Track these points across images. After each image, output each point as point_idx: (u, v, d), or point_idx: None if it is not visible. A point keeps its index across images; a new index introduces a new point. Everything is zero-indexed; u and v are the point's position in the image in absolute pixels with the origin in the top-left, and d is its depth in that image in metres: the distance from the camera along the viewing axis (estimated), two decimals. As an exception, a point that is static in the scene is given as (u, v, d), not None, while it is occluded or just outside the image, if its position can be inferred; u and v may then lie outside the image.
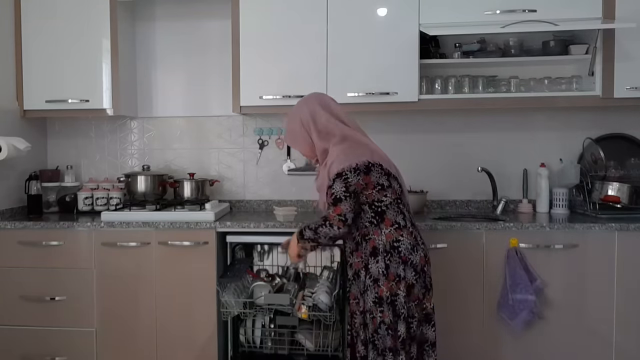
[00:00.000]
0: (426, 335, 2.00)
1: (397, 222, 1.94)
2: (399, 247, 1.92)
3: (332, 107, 2.09)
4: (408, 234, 1.95)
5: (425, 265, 1.96)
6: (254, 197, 3.14)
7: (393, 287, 1.92)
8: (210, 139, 3.17)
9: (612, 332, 2.42)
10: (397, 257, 1.92)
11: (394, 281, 1.92)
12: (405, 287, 1.92)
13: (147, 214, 2.66)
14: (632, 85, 2.59)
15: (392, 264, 1.92)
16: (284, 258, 2.88)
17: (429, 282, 1.99)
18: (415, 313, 1.94)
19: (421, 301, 1.96)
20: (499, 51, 2.80)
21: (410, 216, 2.02)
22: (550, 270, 2.42)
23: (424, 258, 1.96)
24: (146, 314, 2.60)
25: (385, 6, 2.68)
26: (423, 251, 1.97)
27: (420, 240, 1.99)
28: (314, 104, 2.08)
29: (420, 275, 1.95)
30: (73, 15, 2.85)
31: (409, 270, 1.93)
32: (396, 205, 1.96)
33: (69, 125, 3.22)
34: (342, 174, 1.92)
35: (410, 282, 1.93)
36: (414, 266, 1.93)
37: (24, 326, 2.65)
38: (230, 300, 2.41)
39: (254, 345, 2.66)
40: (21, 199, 2.93)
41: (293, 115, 2.13)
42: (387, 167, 1.98)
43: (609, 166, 2.75)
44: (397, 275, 1.92)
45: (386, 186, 1.95)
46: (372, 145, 2.04)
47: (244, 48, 2.76)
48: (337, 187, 1.92)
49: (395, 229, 1.94)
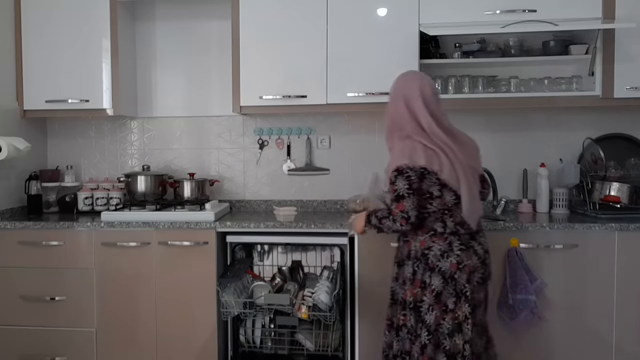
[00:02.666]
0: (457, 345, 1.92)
1: (433, 229, 1.94)
2: (428, 255, 1.93)
3: (428, 99, 1.98)
4: (442, 240, 1.93)
5: (456, 272, 1.91)
6: (254, 197, 3.14)
7: (418, 293, 1.94)
8: (210, 139, 3.17)
9: (612, 332, 2.42)
10: (424, 264, 1.94)
11: (419, 287, 1.94)
12: (432, 294, 1.92)
13: (147, 214, 2.66)
14: (632, 85, 2.59)
15: (419, 271, 1.95)
16: (283, 258, 2.88)
17: (462, 290, 1.92)
18: (441, 320, 1.92)
19: (451, 310, 1.91)
20: (499, 51, 2.80)
21: (459, 227, 1.93)
22: (550, 270, 2.42)
23: (455, 265, 1.91)
24: (146, 314, 2.60)
25: (385, 6, 2.68)
26: (456, 258, 1.91)
27: (457, 247, 1.92)
28: (415, 90, 1.99)
29: (449, 282, 1.91)
30: (73, 15, 2.85)
31: (435, 277, 1.92)
32: (440, 214, 1.93)
33: (69, 125, 3.22)
34: (403, 170, 1.89)
35: (438, 289, 1.92)
36: (442, 273, 1.92)
37: (24, 326, 2.65)
38: (230, 300, 2.41)
39: (254, 345, 2.66)
40: (21, 199, 2.93)
41: (393, 86, 2.08)
42: (447, 178, 1.90)
43: (609, 166, 2.74)
44: (423, 282, 1.94)
45: (435, 196, 1.92)
46: (446, 148, 1.93)
47: (244, 48, 2.76)
48: (400, 184, 1.90)
49: (430, 236, 1.95)
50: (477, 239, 1.98)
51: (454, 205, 1.94)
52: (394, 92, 2.06)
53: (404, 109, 1.99)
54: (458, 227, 1.94)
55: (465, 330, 1.91)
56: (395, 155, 1.95)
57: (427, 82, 2.03)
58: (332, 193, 3.07)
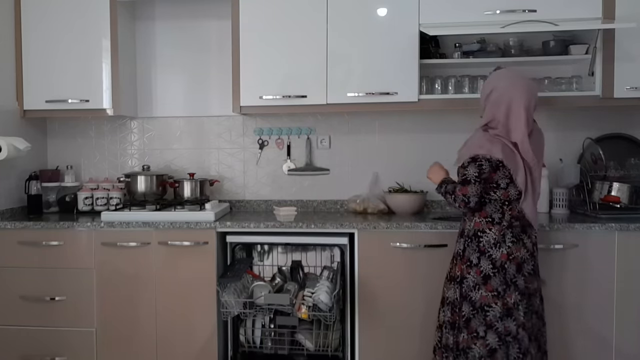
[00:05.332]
0: (508, 328, 2.02)
1: (491, 216, 2.05)
2: (480, 238, 2.05)
3: (530, 113, 2.06)
4: (496, 230, 2.04)
5: (506, 262, 2.02)
6: (254, 197, 3.14)
7: (464, 270, 2.07)
8: (210, 139, 3.17)
9: (612, 332, 2.42)
10: (475, 245, 2.06)
11: (465, 264, 2.07)
12: (479, 274, 2.04)
13: (147, 214, 2.66)
14: (632, 86, 2.59)
15: (468, 249, 2.08)
16: (283, 258, 2.88)
17: (511, 280, 2.02)
18: (492, 303, 2.01)
19: (501, 295, 2.01)
20: (499, 51, 2.80)
21: (514, 220, 2.04)
22: (550, 270, 2.42)
23: (506, 255, 2.02)
24: (146, 314, 2.60)
25: (385, 6, 2.68)
26: (507, 249, 2.02)
27: (509, 239, 2.02)
28: (522, 100, 2.04)
29: (500, 271, 2.02)
30: (73, 15, 2.85)
31: (485, 261, 2.03)
32: (500, 204, 2.04)
33: (69, 125, 3.22)
34: (477, 158, 2.00)
35: (487, 272, 2.03)
36: (492, 260, 2.02)
37: (24, 326, 2.65)
38: (230, 300, 2.41)
39: (254, 345, 2.66)
40: (21, 199, 2.93)
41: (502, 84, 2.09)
42: (520, 182, 2.01)
43: (609, 166, 2.74)
44: (470, 261, 2.06)
45: (501, 187, 2.02)
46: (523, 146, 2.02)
47: (244, 48, 2.76)
48: (470, 170, 2.01)
49: (487, 222, 2.05)
50: (527, 232, 2.07)
51: (515, 200, 2.04)
52: (500, 90, 2.08)
53: (504, 112, 2.05)
54: (513, 220, 2.04)
55: (516, 315, 2.01)
56: (473, 144, 2.06)
57: (534, 95, 2.09)
58: (332, 193, 3.07)
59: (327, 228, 2.51)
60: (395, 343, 2.48)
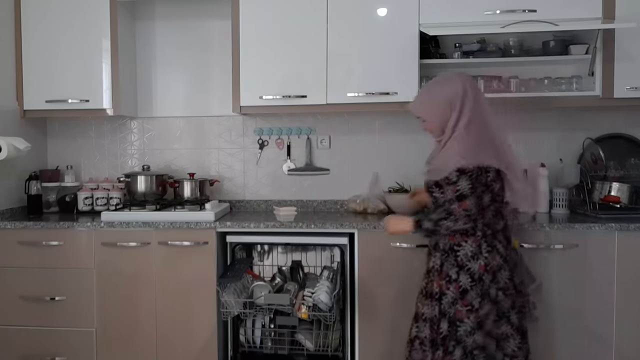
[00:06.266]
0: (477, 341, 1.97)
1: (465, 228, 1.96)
2: (457, 252, 1.98)
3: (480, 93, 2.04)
4: (472, 241, 1.97)
5: (484, 274, 1.95)
6: (254, 197, 3.14)
7: (443, 285, 1.99)
8: (210, 139, 3.17)
9: (612, 332, 2.42)
10: (452, 260, 1.99)
11: (444, 280, 1.99)
12: (458, 289, 1.96)
13: (147, 214, 2.66)
14: (632, 86, 2.59)
15: (446, 264, 2.00)
16: (283, 258, 2.88)
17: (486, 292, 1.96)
18: (465, 319, 1.96)
19: (474, 309, 1.95)
20: (499, 51, 2.80)
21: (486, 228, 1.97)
22: (550, 271, 2.42)
23: (483, 267, 1.95)
24: (146, 314, 2.60)
25: (385, 6, 2.68)
26: (484, 260, 1.96)
27: (485, 249, 1.96)
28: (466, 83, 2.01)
29: (478, 283, 1.95)
30: (73, 15, 2.85)
31: (464, 275, 1.97)
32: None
33: (69, 125, 3.22)
34: (465, 171, 1.91)
35: (465, 287, 1.96)
36: (470, 273, 1.96)
37: (24, 326, 2.65)
38: (230, 300, 2.41)
39: (254, 345, 2.66)
40: (21, 199, 2.93)
41: (440, 89, 2.05)
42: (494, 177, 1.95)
43: (609, 166, 2.74)
44: (449, 276, 1.98)
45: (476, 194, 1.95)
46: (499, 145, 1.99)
47: (244, 48, 2.76)
48: (463, 184, 1.92)
49: (461, 234, 1.98)
50: (498, 238, 2.01)
51: (487, 207, 1.97)
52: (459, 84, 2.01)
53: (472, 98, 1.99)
54: (486, 228, 1.98)
55: (486, 326, 1.97)
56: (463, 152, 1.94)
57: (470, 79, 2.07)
58: (332, 193, 3.07)
59: (327, 228, 2.51)
60: (395, 343, 2.47)
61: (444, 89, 2.04)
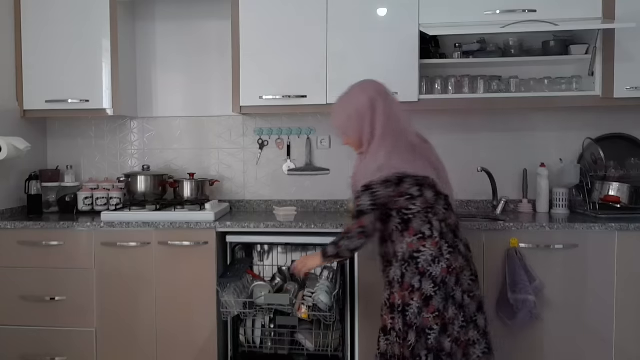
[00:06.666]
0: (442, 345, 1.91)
1: (421, 231, 1.90)
2: (418, 258, 1.89)
3: (390, 99, 2.01)
4: (432, 245, 1.90)
5: (447, 277, 1.88)
6: (254, 197, 3.14)
7: (406, 296, 1.91)
8: (210, 139, 3.17)
9: (612, 332, 2.42)
10: (414, 268, 1.90)
11: (407, 291, 1.90)
12: (421, 298, 1.89)
13: (147, 214, 2.66)
14: (632, 85, 2.59)
15: (407, 274, 1.91)
16: (283, 258, 2.88)
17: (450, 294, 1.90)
18: (433, 325, 1.89)
19: (441, 313, 1.89)
20: (499, 51, 2.80)
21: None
22: (550, 270, 2.42)
23: (446, 269, 1.88)
24: (146, 314, 2.60)
25: (385, 6, 2.68)
26: (447, 262, 1.89)
27: (446, 251, 1.90)
28: (373, 92, 2.00)
29: (441, 287, 1.88)
30: (73, 15, 2.85)
31: (426, 282, 1.89)
32: (424, 215, 1.91)
33: (69, 125, 3.22)
34: (370, 187, 1.89)
35: (428, 293, 1.89)
36: (432, 278, 1.89)
37: (24, 326, 2.65)
38: (230, 300, 2.41)
39: (254, 345, 2.66)
40: (21, 199, 2.93)
41: (348, 102, 2.04)
42: (423, 177, 1.92)
43: (609, 166, 2.74)
44: (412, 286, 1.90)
45: (416, 196, 1.90)
46: (418, 148, 1.98)
47: (244, 48, 2.76)
48: (364, 200, 1.90)
49: (419, 239, 1.90)
50: (458, 236, 1.97)
51: (435, 202, 1.93)
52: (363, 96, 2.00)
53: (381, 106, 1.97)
54: (443, 225, 1.92)
55: (451, 331, 1.90)
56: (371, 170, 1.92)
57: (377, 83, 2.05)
58: (332, 193, 3.07)
59: (327, 228, 2.51)
60: (395, 343, 2.48)
61: (351, 101, 2.02)
